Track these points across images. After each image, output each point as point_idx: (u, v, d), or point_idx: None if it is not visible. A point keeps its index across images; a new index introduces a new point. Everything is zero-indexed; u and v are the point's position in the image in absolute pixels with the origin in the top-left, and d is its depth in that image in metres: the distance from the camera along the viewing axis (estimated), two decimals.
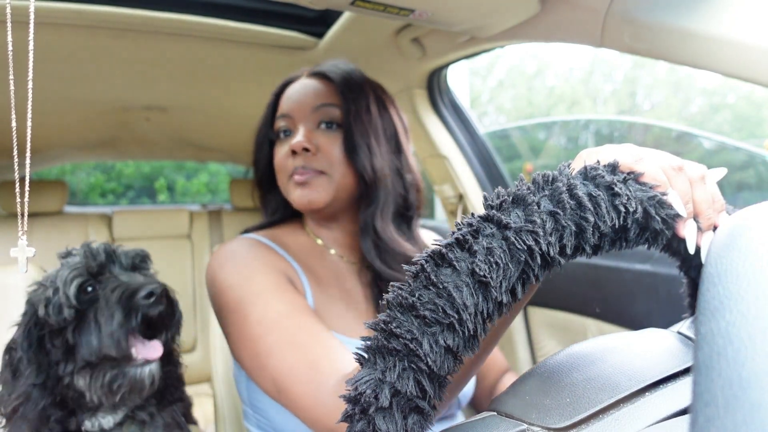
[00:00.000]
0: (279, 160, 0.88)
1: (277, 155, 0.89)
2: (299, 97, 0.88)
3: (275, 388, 0.66)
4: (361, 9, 0.81)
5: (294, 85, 0.91)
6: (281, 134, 0.89)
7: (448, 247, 0.35)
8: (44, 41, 1.12)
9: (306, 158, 0.83)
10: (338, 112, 0.86)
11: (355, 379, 0.34)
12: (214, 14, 1.13)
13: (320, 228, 0.92)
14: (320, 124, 0.86)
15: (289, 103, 0.89)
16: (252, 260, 0.78)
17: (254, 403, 0.82)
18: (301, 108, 0.87)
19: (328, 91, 0.88)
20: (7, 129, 0.47)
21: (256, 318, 0.69)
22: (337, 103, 0.86)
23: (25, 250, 0.51)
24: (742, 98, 3.88)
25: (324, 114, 0.86)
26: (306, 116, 0.86)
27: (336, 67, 0.91)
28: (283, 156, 0.87)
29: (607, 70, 5.87)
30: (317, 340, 0.66)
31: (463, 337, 0.33)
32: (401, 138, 0.93)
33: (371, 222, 0.86)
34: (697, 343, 0.24)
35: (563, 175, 0.37)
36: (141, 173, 5.88)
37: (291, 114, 0.87)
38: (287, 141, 0.88)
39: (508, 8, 0.84)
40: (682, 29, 0.70)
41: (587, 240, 0.36)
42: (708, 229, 0.41)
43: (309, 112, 0.86)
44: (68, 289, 0.68)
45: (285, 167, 0.86)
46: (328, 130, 0.86)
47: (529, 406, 0.36)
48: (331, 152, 0.84)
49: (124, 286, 0.69)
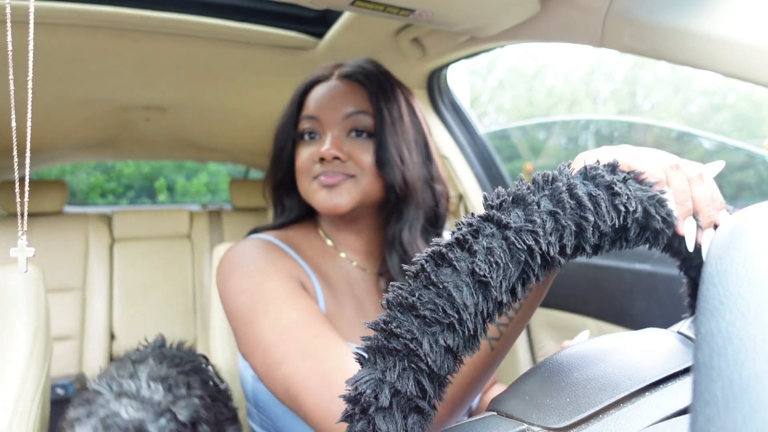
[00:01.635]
0: (303, 163, 0.85)
1: (301, 157, 0.86)
2: (329, 102, 0.84)
3: (287, 397, 0.64)
4: (361, 9, 0.81)
5: (323, 85, 0.87)
6: (306, 136, 0.86)
7: (448, 247, 0.35)
8: (44, 41, 1.12)
9: (335, 165, 0.81)
10: (370, 120, 0.83)
11: (355, 379, 0.34)
12: (214, 14, 1.13)
13: (335, 231, 0.90)
14: (351, 132, 0.84)
15: (318, 106, 0.85)
16: (265, 264, 0.76)
17: (259, 403, 0.82)
18: (332, 114, 0.83)
19: (361, 97, 0.85)
20: (7, 129, 0.47)
21: (269, 325, 0.68)
22: (369, 110, 0.84)
23: (24, 250, 0.51)
24: (742, 98, 3.88)
25: (355, 122, 0.83)
26: (336, 123, 0.83)
27: (366, 70, 0.88)
28: (307, 159, 0.84)
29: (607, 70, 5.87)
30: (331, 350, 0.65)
31: (463, 337, 0.33)
32: (431, 145, 0.91)
33: (399, 236, 0.85)
34: (697, 343, 0.24)
35: (563, 174, 0.38)
36: (141, 173, 5.87)
37: (319, 117, 0.84)
38: (313, 144, 0.85)
39: (508, 8, 0.84)
40: (682, 29, 0.70)
41: (587, 240, 0.36)
42: (708, 227, 0.42)
43: (340, 119, 0.83)
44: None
45: (309, 170, 0.83)
46: (358, 138, 0.83)
47: (529, 406, 0.36)
48: (362, 160, 0.82)
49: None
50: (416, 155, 0.87)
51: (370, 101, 0.85)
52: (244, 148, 2.53)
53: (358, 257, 0.90)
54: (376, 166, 0.83)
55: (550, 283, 0.46)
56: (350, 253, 0.90)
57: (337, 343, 0.66)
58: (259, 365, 0.68)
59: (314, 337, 0.66)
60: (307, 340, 0.65)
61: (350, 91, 0.85)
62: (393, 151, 0.83)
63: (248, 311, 0.70)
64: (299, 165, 0.86)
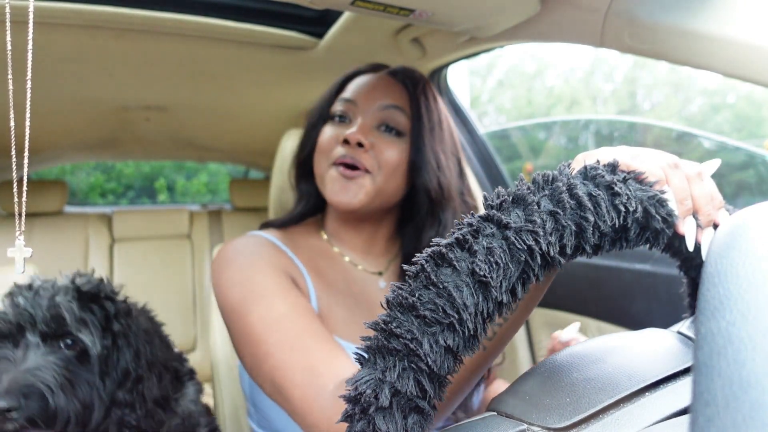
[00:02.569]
0: (325, 141, 0.84)
1: (324, 135, 0.85)
2: (369, 90, 0.85)
3: (273, 389, 0.65)
4: (361, 9, 0.81)
5: (367, 75, 0.89)
6: (336, 118, 0.86)
7: (448, 247, 0.35)
8: (44, 41, 1.12)
9: (356, 151, 0.80)
10: (404, 119, 0.84)
11: (355, 379, 0.34)
12: (214, 14, 1.13)
13: (338, 227, 0.90)
14: (381, 126, 0.84)
15: (357, 90, 0.86)
16: (257, 259, 0.77)
17: (256, 402, 0.82)
18: (368, 101, 0.84)
19: (400, 94, 0.85)
20: (6, 129, 0.47)
21: (258, 318, 0.69)
22: (405, 109, 0.84)
23: (22, 250, 0.51)
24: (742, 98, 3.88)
25: (389, 116, 0.83)
26: (370, 110, 0.84)
27: (412, 73, 0.89)
28: (330, 138, 0.84)
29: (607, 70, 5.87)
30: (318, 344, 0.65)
31: (463, 337, 0.33)
32: (463, 161, 0.91)
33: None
34: (697, 343, 0.24)
35: (563, 174, 0.37)
36: (141, 173, 5.87)
37: (355, 100, 0.85)
38: (340, 126, 0.85)
39: (508, 8, 0.84)
40: (682, 29, 0.70)
41: (587, 240, 0.36)
42: (707, 226, 0.42)
43: (375, 108, 0.84)
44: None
45: (329, 151, 0.83)
46: (387, 133, 0.83)
47: (530, 406, 0.36)
48: (384, 155, 0.81)
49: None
50: (453, 164, 0.87)
51: (409, 101, 0.85)
52: (244, 148, 2.53)
53: (357, 256, 0.90)
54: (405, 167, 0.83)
55: (547, 285, 0.46)
56: (349, 251, 0.90)
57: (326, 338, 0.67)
58: (248, 358, 0.69)
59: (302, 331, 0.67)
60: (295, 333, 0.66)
61: (391, 86, 0.86)
62: (430, 154, 0.83)
63: (239, 305, 0.72)
64: (320, 143, 0.85)
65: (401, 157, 0.83)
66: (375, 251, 0.91)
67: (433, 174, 0.83)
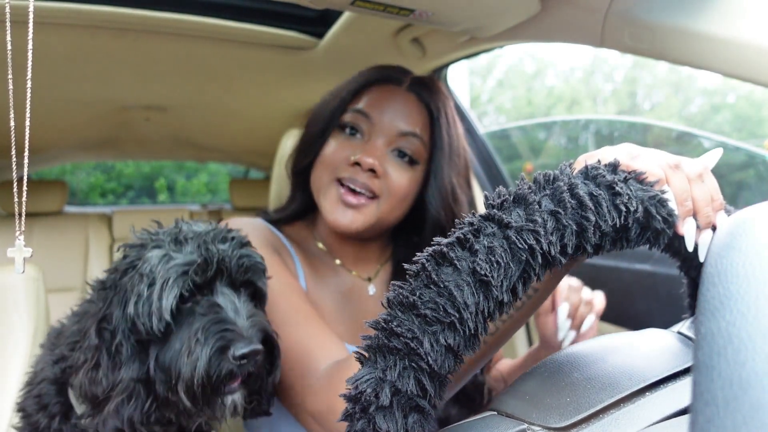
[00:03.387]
0: (331, 156, 0.79)
1: (330, 147, 0.80)
2: (390, 109, 0.79)
3: None
4: (361, 9, 0.81)
5: (389, 88, 0.82)
6: (347, 129, 0.81)
7: (449, 246, 0.35)
8: (44, 41, 1.12)
9: (367, 176, 0.76)
10: (421, 148, 0.80)
11: (356, 378, 0.34)
12: (214, 14, 1.13)
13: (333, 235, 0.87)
14: (395, 150, 0.79)
15: (374, 105, 0.80)
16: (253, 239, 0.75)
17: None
18: (387, 122, 0.79)
19: (421, 119, 0.81)
20: (7, 129, 0.47)
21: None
22: (425, 137, 0.80)
23: (21, 250, 0.51)
24: (742, 98, 3.88)
25: (406, 143, 0.79)
26: (388, 134, 0.79)
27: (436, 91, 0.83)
28: (338, 153, 0.79)
29: (607, 70, 5.87)
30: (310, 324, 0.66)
31: (464, 336, 0.33)
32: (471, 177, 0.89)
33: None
34: (697, 343, 0.24)
35: (564, 174, 0.37)
36: (141, 173, 5.88)
37: (371, 115, 0.79)
38: (351, 141, 0.80)
39: (508, 8, 0.84)
40: (682, 29, 0.70)
41: (588, 239, 0.36)
42: (706, 227, 0.42)
43: (393, 133, 0.79)
44: (166, 298, 0.58)
45: (335, 167, 0.79)
46: (400, 159, 0.79)
47: (530, 406, 0.36)
48: (394, 183, 0.78)
49: (221, 328, 0.58)
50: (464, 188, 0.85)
51: (429, 127, 0.81)
52: (244, 148, 2.53)
53: (348, 261, 0.89)
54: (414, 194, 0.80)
55: (553, 288, 0.46)
56: (342, 258, 0.89)
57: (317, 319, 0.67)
58: None
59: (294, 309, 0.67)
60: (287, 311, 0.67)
61: (412, 108, 0.81)
62: (447, 186, 0.80)
63: None
64: (326, 156, 0.80)
65: (412, 188, 0.80)
66: (367, 257, 0.90)
67: (447, 206, 0.81)
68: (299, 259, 0.82)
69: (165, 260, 0.60)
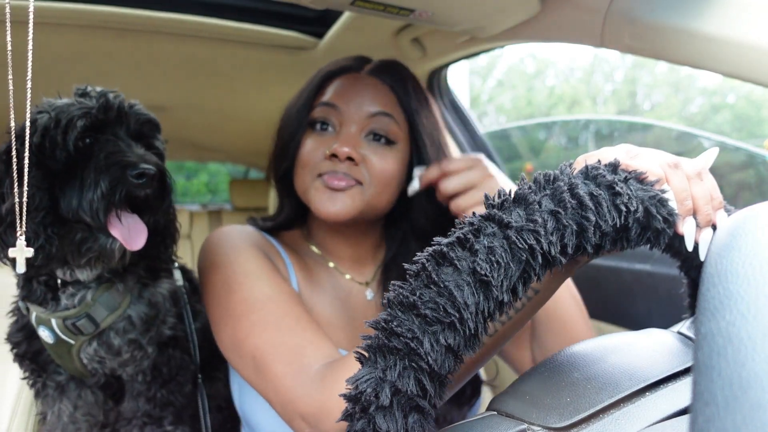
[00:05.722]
0: (308, 155, 0.78)
1: (306, 147, 0.79)
2: (354, 95, 0.78)
3: (253, 366, 0.64)
4: (361, 9, 0.81)
5: (350, 77, 0.82)
6: (318, 125, 0.80)
7: (450, 246, 0.35)
8: (44, 41, 1.12)
9: (345, 166, 0.75)
10: (395, 126, 0.78)
11: (356, 378, 0.34)
12: (214, 14, 1.13)
13: (324, 236, 0.86)
14: (369, 134, 0.78)
15: (339, 94, 0.79)
16: (242, 242, 0.77)
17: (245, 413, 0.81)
18: (354, 107, 0.77)
19: (388, 99, 0.79)
20: (7, 129, 0.47)
21: (242, 297, 0.68)
22: (395, 115, 0.79)
23: (23, 250, 0.51)
24: (742, 98, 3.88)
25: (377, 123, 0.77)
26: (357, 119, 0.77)
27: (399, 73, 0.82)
28: (313, 152, 0.78)
29: (607, 70, 5.88)
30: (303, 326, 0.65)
31: (464, 336, 0.33)
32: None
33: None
34: (697, 343, 0.24)
35: (564, 174, 0.38)
36: None
37: (339, 107, 0.78)
38: (324, 136, 0.79)
39: (508, 8, 0.84)
40: (682, 29, 0.70)
41: (588, 239, 0.36)
42: (706, 226, 0.42)
43: (362, 117, 0.77)
44: (69, 132, 0.66)
45: (314, 165, 0.77)
46: (377, 142, 0.78)
47: (530, 406, 0.36)
48: (376, 167, 0.76)
49: (120, 156, 0.65)
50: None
51: (398, 105, 0.80)
52: (244, 148, 2.53)
53: (345, 265, 0.87)
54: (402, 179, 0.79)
55: (555, 289, 0.46)
56: (337, 261, 0.87)
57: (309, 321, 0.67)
58: (228, 338, 0.68)
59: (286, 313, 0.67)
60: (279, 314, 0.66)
61: (376, 89, 0.80)
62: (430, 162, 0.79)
63: (221, 286, 0.71)
64: (303, 156, 0.79)
65: (395, 168, 0.78)
66: (362, 259, 0.88)
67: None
68: (292, 264, 0.82)
69: (70, 104, 0.70)
